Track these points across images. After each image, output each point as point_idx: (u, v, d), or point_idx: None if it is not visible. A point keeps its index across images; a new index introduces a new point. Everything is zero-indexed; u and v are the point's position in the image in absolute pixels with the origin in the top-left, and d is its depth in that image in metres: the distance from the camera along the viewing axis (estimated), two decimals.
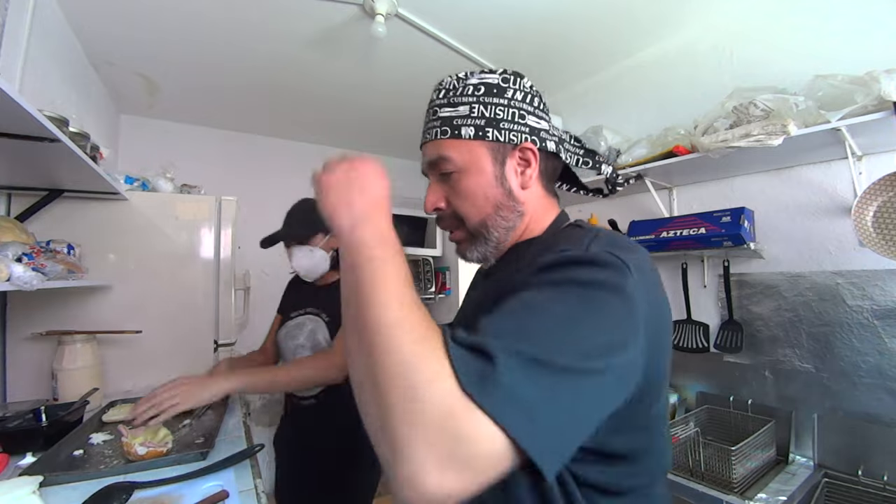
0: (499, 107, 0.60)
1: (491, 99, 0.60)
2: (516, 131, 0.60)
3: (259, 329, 2.75)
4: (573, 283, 0.45)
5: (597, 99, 2.16)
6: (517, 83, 0.61)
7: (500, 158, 0.60)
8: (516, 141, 0.60)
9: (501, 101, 0.60)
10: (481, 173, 0.60)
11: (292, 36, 1.79)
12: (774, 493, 1.16)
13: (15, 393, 1.49)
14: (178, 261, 1.85)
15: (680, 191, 1.79)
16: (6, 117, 0.83)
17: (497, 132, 0.59)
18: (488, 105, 0.60)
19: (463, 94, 0.61)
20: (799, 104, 1.22)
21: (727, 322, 1.58)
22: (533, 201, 0.63)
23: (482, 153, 0.60)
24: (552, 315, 0.42)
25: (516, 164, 0.61)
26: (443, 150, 0.61)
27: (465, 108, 0.60)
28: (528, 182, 0.62)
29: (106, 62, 1.96)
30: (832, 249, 1.37)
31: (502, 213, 0.61)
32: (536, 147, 0.61)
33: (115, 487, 0.86)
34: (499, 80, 0.61)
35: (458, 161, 0.60)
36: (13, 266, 0.98)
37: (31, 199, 1.51)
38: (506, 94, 0.60)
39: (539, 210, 0.64)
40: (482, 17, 1.66)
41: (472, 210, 0.61)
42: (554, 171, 0.66)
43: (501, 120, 0.60)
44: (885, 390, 1.23)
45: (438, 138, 0.61)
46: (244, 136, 2.94)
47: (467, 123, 0.60)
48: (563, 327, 0.41)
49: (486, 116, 0.59)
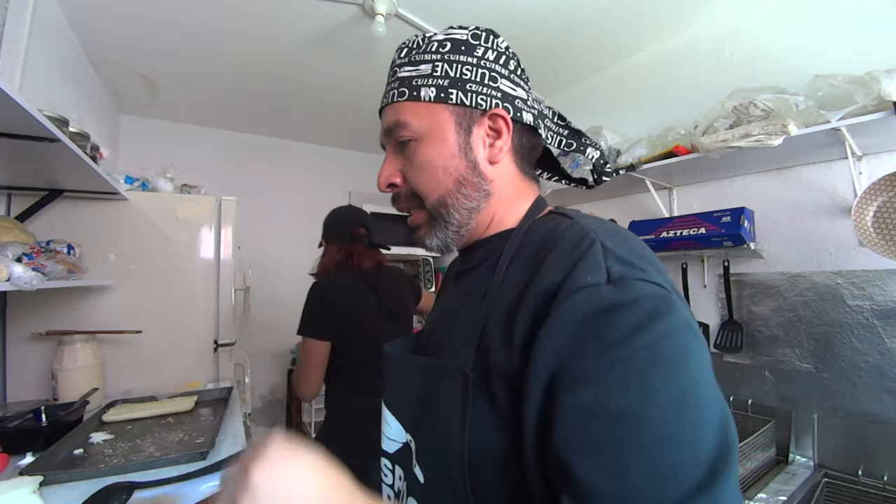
0: (466, 66, 0.50)
1: (457, 56, 0.50)
2: (485, 95, 0.50)
3: (259, 329, 2.76)
4: (644, 362, 0.34)
5: (597, 99, 2.16)
6: (490, 41, 0.52)
7: (465, 125, 0.51)
8: (485, 106, 0.50)
9: (470, 60, 0.50)
10: (442, 141, 0.50)
11: (292, 36, 1.79)
12: (774, 493, 1.16)
13: (15, 393, 1.49)
14: (178, 261, 1.85)
15: (680, 191, 1.79)
16: (6, 117, 0.83)
17: (462, 94, 0.50)
18: (454, 63, 0.50)
19: (426, 52, 0.51)
20: (799, 104, 1.22)
21: (727, 322, 1.58)
22: (503, 181, 0.53)
23: (444, 118, 0.50)
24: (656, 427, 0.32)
25: (485, 134, 0.51)
26: (400, 114, 0.52)
27: (428, 67, 0.50)
28: (498, 156, 0.52)
29: (106, 62, 1.96)
30: (832, 249, 1.37)
31: (465, 191, 0.51)
32: (509, 116, 0.51)
33: (115, 487, 0.86)
34: (468, 35, 0.51)
35: (415, 127, 0.51)
36: (13, 266, 0.98)
37: (31, 199, 1.51)
38: (475, 51, 0.51)
39: (510, 193, 0.54)
40: (482, 17, 1.66)
41: (431, 185, 0.51)
42: (531, 149, 0.56)
43: (469, 81, 0.50)
44: (885, 390, 1.23)
45: (395, 101, 0.52)
46: (244, 136, 2.95)
47: (428, 84, 0.50)
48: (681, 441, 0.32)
49: (450, 76, 0.50)
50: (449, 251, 0.56)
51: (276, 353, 2.94)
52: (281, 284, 2.99)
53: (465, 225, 0.53)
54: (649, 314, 0.36)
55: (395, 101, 0.52)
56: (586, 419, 0.34)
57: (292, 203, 3.09)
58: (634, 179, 1.67)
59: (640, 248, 0.43)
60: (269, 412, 2.95)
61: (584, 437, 0.34)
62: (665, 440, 0.32)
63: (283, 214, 3.05)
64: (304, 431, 2.61)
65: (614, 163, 1.74)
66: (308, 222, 3.16)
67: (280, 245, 3.02)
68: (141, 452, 1.09)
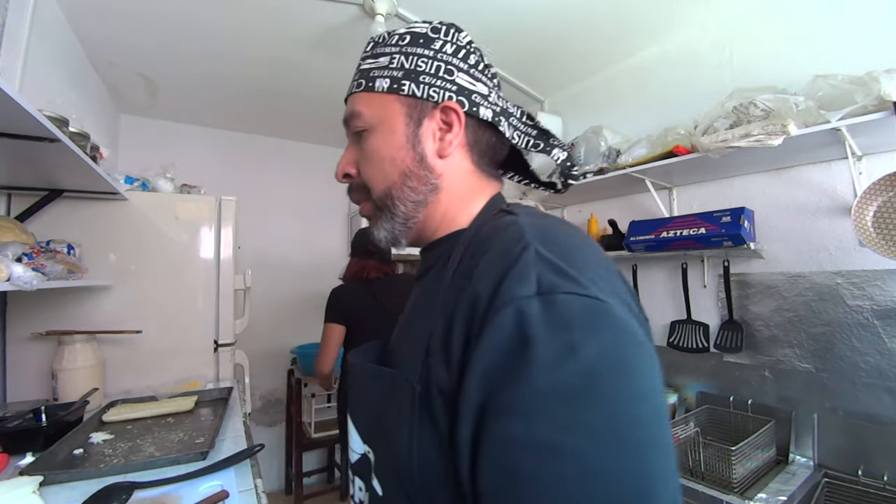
0: (422, 58, 0.50)
1: (415, 49, 0.50)
2: (438, 87, 0.50)
3: (259, 329, 2.76)
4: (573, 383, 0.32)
5: (597, 99, 2.16)
6: (450, 35, 0.52)
7: (415, 117, 0.50)
8: (437, 98, 0.49)
9: (426, 52, 0.50)
10: (391, 132, 0.50)
11: (292, 36, 1.79)
12: (774, 493, 1.16)
13: (15, 393, 1.49)
14: (178, 261, 1.85)
15: (680, 191, 1.79)
16: (6, 117, 0.83)
17: (414, 86, 0.49)
18: (410, 55, 0.50)
19: (387, 45, 0.52)
20: (799, 104, 1.22)
21: (727, 322, 1.58)
22: (454, 175, 0.52)
23: (395, 109, 0.50)
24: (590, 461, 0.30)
25: (436, 127, 0.50)
26: (355, 104, 0.52)
27: (386, 59, 0.51)
28: (447, 149, 0.50)
29: (106, 62, 1.96)
30: (832, 249, 1.37)
31: (410, 183, 0.50)
32: (464, 110, 0.50)
33: (115, 487, 0.86)
34: (427, 29, 0.52)
35: (368, 117, 0.51)
36: (13, 266, 0.98)
37: (31, 199, 1.51)
38: (433, 44, 0.51)
39: (463, 189, 0.53)
40: (482, 17, 1.66)
41: (377, 175, 0.51)
42: (490, 146, 0.54)
43: (422, 73, 0.50)
44: (885, 390, 1.23)
45: (353, 91, 0.53)
46: (244, 136, 2.95)
47: (383, 75, 0.51)
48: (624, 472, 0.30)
49: (405, 68, 0.50)
50: (399, 244, 0.55)
51: (276, 353, 2.94)
52: (281, 285, 2.99)
53: (412, 218, 0.52)
54: (581, 335, 0.33)
55: (353, 92, 0.53)
56: (513, 451, 0.32)
57: (292, 203, 3.09)
58: (634, 179, 1.67)
59: (580, 252, 0.40)
60: (269, 412, 2.95)
61: (509, 469, 0.32)
62: (595, 474, 0.30)
63: (283, 214, 3.05)
64: (304, 431, 2.61)
65: (614, 163, 1.74)
66: (308, 222, 3.17)
67: (280, 245, 3.02)
68: (141, 452, 1.09)
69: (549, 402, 0.31)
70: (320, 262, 3.19)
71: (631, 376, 0.33)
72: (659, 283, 1.84)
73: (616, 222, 1.87)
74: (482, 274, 0.39)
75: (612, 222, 1.88)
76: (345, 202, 3.30)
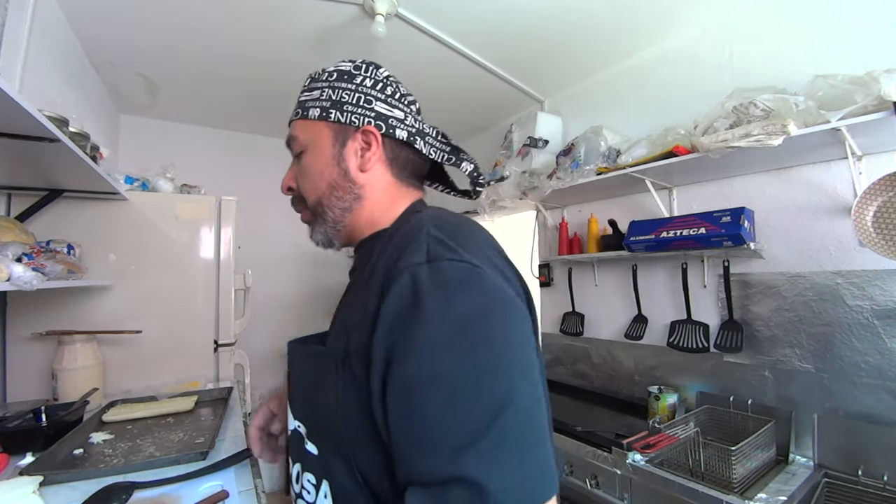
0: (346, 91, 0.61)
1: (340, 84, 0.62)
2: (359, 114, 0.60)
3: (259, 329, 2.76)
4: (455, 333, 0.42)
5: (597, 99, 2.16)
6: (369, 71, 0.63)
7: (340, 139, 0.61)
8: (358, 123, 0.60)
9: (349, 86, 0.61)
10: (321, 152, 0.61)
11: (292, 36, 1.79)
12: (774, 493, 1.16)
13: (15, 393, 1.49)
14: (178, 261, 1.85)
15: (680, 191, 1.79)
16: (6, 117, 0.83)
17: (339, 113, 0.60)
18: (336, 89, 0.61)
19: (319, 80, 0.63)
20: (799, 104, 1.22)
21: (727, 322, 1.58)
22: (376, 186, 0.62)
23: (324, 133, 0.61)
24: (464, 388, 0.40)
25: (358, 146, 0.61)
26: (293, 129, 0.64)
27: (318, 92, 0.62)
28: (368, 165, 0.61)
29: (106, 62, 1.96)
30: (832, 249, 1.37)
31: (337, 193, 0.61)
32: (381, 132, 0.60)
33: (115, 487, 0.86)
34: (350, 67, 0.63)
35: (302, 140, 0.63)
36: (13, 266, 0.98)
37: (31, 199, 1.51)
38: (355, 79, 0.62)
39: (385, 197, 0.63)
40: (482, 17, 1.66)
41: (310, 188, 0.63)
42: (408, 161, 0.64)
43: (346, 103, 0.61)
44: (885, 390, 1.23)
45: (292, 119, 0.65)
46: (244, 136, 2.95)
47: (315, 105, 0.62)
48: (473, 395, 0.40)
49: (332, 99, 0.61)
50: (332, 246, 0.66)
51: (276, 353, 2.94)
52: (281, 285, 2.99)
53: (340, 222, 0.63)
54: (456, 289, 0.43)
55: (292, 120, 0.65)
56: (408, 387, 0.41)
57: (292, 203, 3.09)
58: (634, 179, 1.67)
59: (462, 232, 0.52)
60: None
61: (407, 401, 0.41)
62: (467, 394, 0.40)
63: (282, 214, 3.03)
64: None
65: (614, 163, 1.74)
66: None
67: (280, 245, 3.02)
68: (141, 452, 1.09)
69: (433, 346, 0.41)
70: (320, 262, 3.19)
71: (496, 325, 0.43)
72: (659, 283, 1.84)
73: (616, 222, 1.87)
74: (393, 248, 0.51)
75: (612, 222, 1.88)
76: None
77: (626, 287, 1.93)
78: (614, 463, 1.35)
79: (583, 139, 1.92)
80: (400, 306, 0.43)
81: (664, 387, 1.68)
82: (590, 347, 2.12)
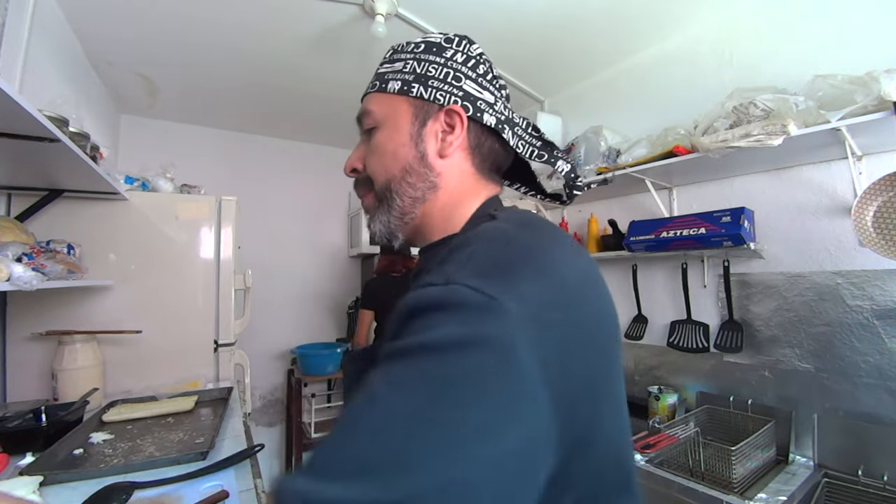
0: (433, 64, 0.54)
1: (427, 56, 0.54)
2: (445, 91, 0.53)
3: (259, 329, 2.76)
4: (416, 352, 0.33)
5: (597, 99, 2.16)
6: (461, 45, 0.56)
7: (421, 117, 0.53)
8: (442, 101, 0.53)
9: (437, 59, 0.54)
10: (397, 130, 0.54)
11: (292, 36, 1.79)
12: (774, 493, 1.16)
13: (15, 393, 1.49)
14: (178, 261, 1.85)
15: (680, 191, 1.79)
16: (6, 117, 0.83)
17: (423, 89, 0.53)
18: (422, 61, 0.54)
19: (404, 52, 0.56)
20: (799, 104, 1.22)
21: (727, 322, 1.58)
22: (453, 176, 0.54)
23: (403, 108, 0.54)
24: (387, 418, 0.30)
25: (439, 128, 0.53)
26: (368, 103, 0.57)
27: (400, 64, 0.55)
28: (448, 150, 0.53)
29: (106, 62, 1.96)
30: (832, 249, 1.37)
31: (410, 179, 0.53)
32: (467, 114, 0.53)
33: (115, 487, 0.86)
34: (441, 39, 0.56)
35: (377, 115, 0.55)
36: (13, 266, 0.98)
37: (31, 199, 1.51)
38: (445, 52, 0.55)
39: (461, 190, 0.55)
40: (482, 17, 1.66)
41: (380, 168, 0.55)
42: (492, 151, 0.56)
43: (432, 77, 0.53)
44: (885, 390, 1.23)
45: (368, 92, 0.58)
46: (244, 136, 2.95)
47: (396, 78, 0.55)
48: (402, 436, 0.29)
49: (416, 72, 0.54)
50: (395, 238, 0.57)
51: (276, 353, 2.94)
52: (281, 284, 2.99)
53: (409, 213, 0.54)
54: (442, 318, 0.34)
55: (368, 92, 0.57)
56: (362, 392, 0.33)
57: (292, 203, 3.09)
58: (634, 179, 1.67)
59: (513, 257, 0.39)
60: (268, 412, 2.95)
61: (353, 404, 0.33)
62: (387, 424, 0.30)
63: (283, 214, 3.05)
64: (304, 431, 2.61)
65: (614, 163, 1.74)
66: (308, 222, 3.17)
67: (280, 245, 3.02)
68: (141, 452, 1.09)
69: (392, 360, 0.34)
70: (320, 261, 3.19)
71: (450, 366, 0.32)
72: (659, 283, 1.84)
73: (616, 222, 1.87)
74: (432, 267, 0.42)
75: (612, 222, 1.88)
76: (345, 202, 3.30)
77: (626, 287, 1.93)
78: None
79: (583, 139, 1.92)
80: (396, 319, 0.37)
81: (664, 387, 1.68)
82: None
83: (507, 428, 0.31)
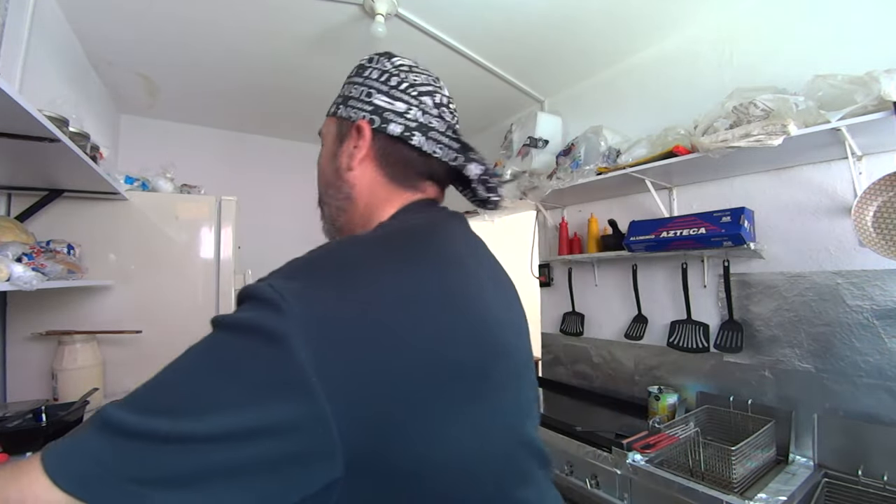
0: (354, 85, 0.59)
1: (353, 78, 0.60)
2: (357, 108, 0.57)
3: None
4: (218, 326, 0.39)
5: (597, 99, 2.16)
6: (379, 62, 0.59)
7: (340, 135, 0.60)
8: (354, 118, 0.57)
9: (357, 80, 0.59)
10: (326, 147, 0.62)
11: (292, 36, 1.79)
12: (774, 493, 1.16)
13: (15, 393, 1.49)
14: (178, 261, 1.85)
15: (680, 191, 1.79)
16: (6, 117, 0.83)
17: (343, 109, 0.59)
18: (347, 84, 0.61)
19: (348, 76, 0.63)
20: (799, 104, 1.22)
21: (727, 322, 1.58)
22: (364, 186, 0.57)
23: (331, 129, 0.61)
24: (174, 372, 0.37)
25: (353, 143, 0.57)
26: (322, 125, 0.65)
27: (341, 89, 0.62)
28: (354, 163, 0.57)
29: (106, 62, 1.96)
30: (832, 249, 1.37)
31: (331, 191, 0.61)
32: (372, 126, 0.56)
33: None
34: (365, 60, 0.61)
35: (322, 136, 0.64)
36: (13, 266, 0.98)
37: (31, 199, 1.51)
38: (364, 72, 0.59)
39: (375, 199, 0.57)
40: (482, 17, 1.66)
41: (318, 181, 0.64)
42: (402, 158, 0.57)
43: (351, 97, 0.59)
44: (885, 390, 1.23)
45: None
46: (244, 136, 2.95)
47: (335, 102, 0.62)
48: (171, 382, 0.37)
49: (343, 95, 0.60)
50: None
51: None
52: None
53: (336, 220, 0.61)
54: (248, 298, 0.39)
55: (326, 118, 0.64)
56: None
57: (292, 203, 3.09)
58: (634, 179, 1.67)
59: (324, 266, 0.43)
60: None
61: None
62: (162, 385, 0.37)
63: (283, 214, 3.04)
64: None
65: (614, 163, 1.74)
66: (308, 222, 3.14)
67: (280, 245, 3.00)
68: None
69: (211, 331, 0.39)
70: None
71: (217, 346, 0.37)
72: (659, 283, 1.84)
73: (616, 222, 1.87)
74: None
75: (612, 222, 1.88)
76: None
77: (626, 287, 1.93)
78: (614, 463, 1.35)
79: (583, 139, 1.92)
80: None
81: (664, 387, 1.68)
82: (590, 347, 2.12)
83: (249, 405, 0.34)
